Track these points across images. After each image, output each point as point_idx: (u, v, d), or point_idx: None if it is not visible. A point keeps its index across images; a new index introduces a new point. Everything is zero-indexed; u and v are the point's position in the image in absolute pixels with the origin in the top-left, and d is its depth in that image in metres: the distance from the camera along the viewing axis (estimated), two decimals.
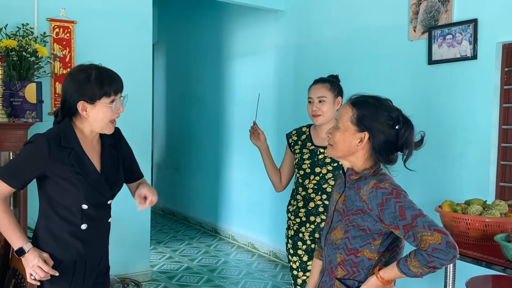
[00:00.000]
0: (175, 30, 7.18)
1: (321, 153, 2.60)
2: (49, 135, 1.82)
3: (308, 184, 2.59)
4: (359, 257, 1.66)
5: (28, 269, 1.78)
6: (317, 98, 2.57)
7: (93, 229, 1.90)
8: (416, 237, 1.52)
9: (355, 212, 1.65)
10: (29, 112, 3.26)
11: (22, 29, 3.45)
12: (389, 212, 1.56)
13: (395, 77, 3.74)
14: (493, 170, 3.17)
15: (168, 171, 7.47)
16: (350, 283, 1.69)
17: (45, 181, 1.83)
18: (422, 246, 1.51)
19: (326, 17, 4.44)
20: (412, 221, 1.53)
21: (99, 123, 1.85)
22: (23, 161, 1.81)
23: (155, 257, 5.06)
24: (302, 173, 2.61)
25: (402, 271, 1.57)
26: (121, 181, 2.02)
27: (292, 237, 2.65)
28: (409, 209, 1.55)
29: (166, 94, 7.53)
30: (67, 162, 1.81)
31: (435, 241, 1.49)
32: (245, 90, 5.60)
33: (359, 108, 1.68)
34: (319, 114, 2.57)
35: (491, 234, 2.28)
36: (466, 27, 3.23)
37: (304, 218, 2.59)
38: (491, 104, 3.16)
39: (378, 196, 1.59)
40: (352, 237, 1.66)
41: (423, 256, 1.51)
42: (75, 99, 1.82)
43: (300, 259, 2.63)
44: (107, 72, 1.86)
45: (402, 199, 1.57)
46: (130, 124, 4.15)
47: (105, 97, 1.82)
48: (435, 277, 3.16)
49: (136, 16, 4.16)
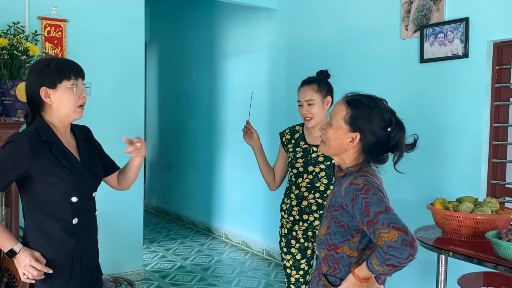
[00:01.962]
0: (167, 28, 7.16)
1: (314, 151, 2.60)
2: (28, 132, 1.81)
3: (301, 183, 2.59)
4: (339, 254, 1.68)
5: (21, 269, 1.77)
6: (305, 102, 2.57)
7: (83, 223, 1.90)
8: (375, 234, 1.51)
9: (336, 208, 1.68)
10: (21, 111, 3.24)
11: (13, 27, 3.43)
12: (357, 208, 1.57)
13: (387, 76, 3.75)
14: (484, 168, 3.19)
15: (161, 170, 7.45)
16: (332, 280, 1.71)
17: (29, 181, 1.81)
18: (379, 244, 1.50)
19: (319, 15, 4.45)
20: (373, 217, 1.52)
21: (65, 109, 1.84)
22: (5, 161, 1.78)
23: (148, 256, 5.05)
24: (295, 172, 2.61)
25: (368, 268, 1.56)
26: (101, 172, 2.04)
27: (286, 235, 2.66)
28: (374, 206, 1.54)
29: (158, 93, 7.51)
30: (49, 157, 1.80)
31: (391, 239, 1.47)
32: (238, 89, 5.60)
33: (353, 108, 1.69)
34: (310, 117, 2.56)
35: (482, 231, 2.29)
36: (457, 26, 3.25)
37: (298, 216, 2.60)
38: (482, 102, 3.18)
39: (351, 192, 1.60)
40: (333, 233, 1.69)
41: (380, 254, 1.50)
42: (37, 86, 1.82)
43: (293, 257, 2.63)
44: (67, 60, 1.91)
45: (369, 196, 1.56)
46: (123, 123, 4.15)
47: (65, 80, 1.83)
48: (426, 274, 3.18)
49: (128, 15, 4.15)
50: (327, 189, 2.56)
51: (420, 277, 3.42)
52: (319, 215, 2.56)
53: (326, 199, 2.54)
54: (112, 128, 3.92)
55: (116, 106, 4.07)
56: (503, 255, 2.03)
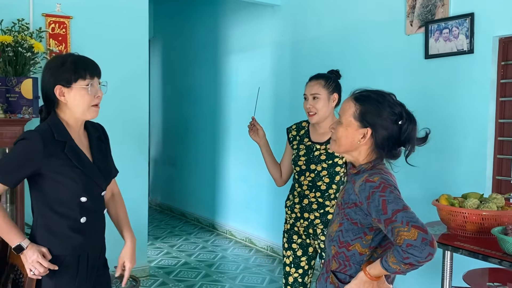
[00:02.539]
0: (171, 25, 7.16)
1: (317, 149, 2.58)
2: (41, 130, 1.81)
3: (303, 181, 2.58)
4: (350, 251, 1.67)
5: (28, 265, 1.78)
6: (311, 95, 2.55)
7: (92, 222, 1.90)
8: (394, 233, 1.50)
9: (349, 205, 1.66)
10: (26, 108, 3.25)
11: (18, 24, 3.44)
12: (374, 205, 1.56)
13: (392, 72, 3.74)
14: (489, 163, 3.18)
15: (165, 166, 7.46)
16: (341, 277, 1.70)
17: (40, 179, 1.81)
18: (398, 242, 1.48)
19: (323, 12, 4.43)
20: (392, 215, 1.51)
21: (79, 107, 1.83)
22: (17, 158, 1.78)
23: (152, 253, 5.06)
24: (298, 170, 2.60)
25: (383, 267, 1.55)
26: (112, 171, 2.03)
27: (288, 231, 2.66)
28: (392, 204, 1.53)
29: (162, 89, 7.51)
30: (62, 156, 1.79)
31: (411, 237, 1.46)
32: (241, 86, 5.59)
33: (362, 104, 1.68)
34: (314, 112, 2.54)
35: (488, 227, 2.29)
36: (462, 21, 3.23)
37: (299, 214, 2.60)
38: (487, 98, 3.16)
39: (366, 189, 1.59)
40: (345, 230, 1.67)
41: (399, 252, 1.48)
42: (52, 84, 1.81)
43: (294, 253, 2.62)
44: (83, 58, 1.88)
45: (387, 193, 1.55)
46: (127, 120, 4.16)
47: (80, 79, 1.81)
48: (432, 271, 3.18)
49: (132, 11, 4.15)
50: (328, 188, 2.55)
51: (425, 273, 3.41)
52: (319, 214, 2.55)
53: (327, 198, 2.54)
54: (116, 125, 3.92)
55: (120, 103, 4.08)
56: (509, 251, 2.03)
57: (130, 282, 3.77)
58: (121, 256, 2.07)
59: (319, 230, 2.56)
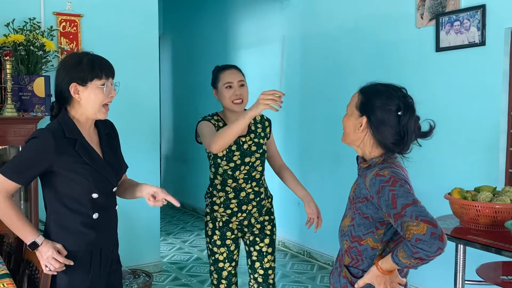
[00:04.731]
0: (180, 22, 7.17)
1: (243, 142, 2.52)
2: (52, 128, 1.83)
3: (238, 175, 2.53)
4: (362, 245, 1.67)
5: (43, 261, 1.80)
6: (238, 82, 2.54)
7: (104, 218, 1.92)
8: (403, 227, 1.49)
9: (361, 200, 1.67)
10: (38, 106, 3.28)
11: (29, 23, 3.47)
12: (384, 200, 1.56)
13: (403, 65, 3.72)
14: (502, 156, 3.15)
15: (176, 163, 7.49)
16: (354, 271, 1.70)
17: (52, 176, 1.83)
18: (407, 237, 1.48)
19: (332, 5, 4.41)
20: (401, 210, 1.50)
21: (91, 106, 1.85)
22: (29, 156, 1.81)
23: (165, 248, 5.10)
24: (232, 165, 2.51)
25: (394, 261, 1.55)
26: (123, 166, 2.04)
27: (221, 228, 2.59)
28: (401, 198, 1.52)
29: (173, 86, 7.53)
30: (73, 153, 1.82)
31: (420, 232, 1.45)
32: (251, 81, 5.57)
33: (364, 94, 1.71)
34: (241, 100, 2.52)
35: (501, 220, 2.27)
36: (474, 13, 3.20)
37: (236, 208, 2.55)
38: (500, 90, 3.13)
39: (376, 183, 1.59)
40: (356, 224, 1.68)
41: (408, 247, 1.48)
42: (67, 82, 1.83)
43: (228, 249, 2.59)
44: (99, 57, 1.90)
45: (396, 187, 1.54)
46: (138, 117, 4.18)
47: (96, 79, 1.83)
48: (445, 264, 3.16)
49: (141, 9, 4.16)
50: (261, 175, 2.58)
51: (438, 267, 3.40)
52: (256, 202, 2.57)
53: (261, 185, 2.58)
54: (127, 122, 3.95)
55: (131, 100, 4.10)
56: None
57: (143, 277, 3.80)
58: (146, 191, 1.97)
59: (253, 219, 2.60)
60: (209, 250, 2.64)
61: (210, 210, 2.61)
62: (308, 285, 4.11)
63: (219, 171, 2.55)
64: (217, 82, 2.60)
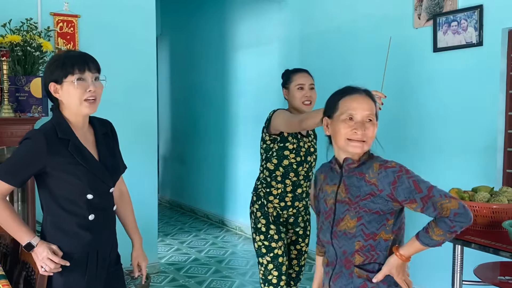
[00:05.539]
0: (178, 22, 7.16)
1: (304, 142, 2.69)
2: (45, 129, 1.82)
3: (301, 171, 2.65)
4: (376, 240, 1.69)
5: (39, 262, 1.79)
6: (309, 85, 2.67)
7: (101, 219, 1.91)
8: (437, 206, 1.59)
9: (363, 197, 1.68)
10: (35, 106, 3.27)
11: (26, 24, 3.46)
12: (403, 188, 1.63)
13: (401, 66, 3.72)
14: (500, 157, 3.15)
15: (174, 164, 7.49)
16: (370, 267, 1.71)
17: (46, 177, 1.82)
18: (444, 214, 1.58)
19: (330, 6, 4.41)
20: (428, 192, 1.61)
21: (73, 103, 1.83)
22: (22, 158, 1.80)
23: (163, 249, 5.09)
24: (298, 160, 2.63)
25: (424, 243, 1.63)
26: (120, 167, 2.02)
27: (274, 222, 2.64)
28: (422, 182, 1.63)
29: (170, 87, 7.53)
30: (66, 154, 1.80)
31: (455, 207, 1.57)
32: (249, 81, 5.59)
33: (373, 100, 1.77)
34: (310, 101, 2.66)
35: (498, 220, 2.28)
36: (471, 14, 3.20)
37: (290, 203, 2.66)
38: (497, 90, 3.14)
39: (389, 175, 1.65)
40: (366, 222, 1.68)
41: (446, 223, 1.58)
42: (47, 82, 1.84)
43: (284, 243, 2.65)
44: (75, 53, 1.89)
45: (413, 174, 1.65)
46: (136, 117, 4.17)
47: (69, 75, 1.81)
48: (443, 265, 3.16)
49: (139, 9, 4.16)
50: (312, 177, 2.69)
51: (436, 268, 3.40)
52: (305, 202, 2.70)
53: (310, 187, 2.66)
54: (125, 123, 3.93)
55: (129, 101, 4.09)
56: None
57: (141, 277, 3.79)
58: (134, 258, 2.16)
59: (300, 217, 2.73)
60: (264, 248, 2.62)
61: (261, 204, 2.65)
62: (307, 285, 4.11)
63: (283, 163, 2.62)
64: (289, 83, 2.69)
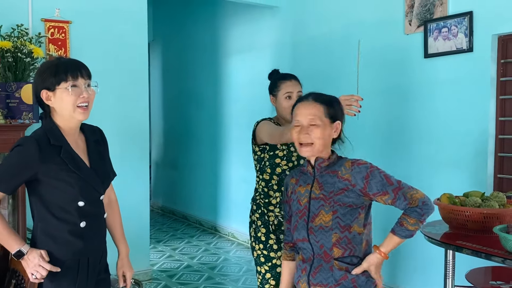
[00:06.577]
0: (170, 28, 7.16)
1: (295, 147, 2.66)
2: (37, 136, 1.81)
3: None
4: (351, 233, 1.80)
5: (29, 270, 1.77)
6: (298, 93, 2.57)
7: (92, 226, 1.89)
8: (407, 197, 1.75)
9: (337, 192, 1.82)
10: (26, 113, 3.25)
11: (17, 30, 3.44)
12: (375, 181, 1.77)
13: (392, 71, 3.74)
14: (491, 162, 3.17)
15: (166, 169, 7.46)
16: (348, 260, 1.81)
17: (37, 184, 1.80)
18: (414, 203, 1.74)
19: (322, 12, 4.44)
20: (398, 184, 1.77)
21: (64, 110, 1.82)
22: (13, 164, 1.79)
23: (155, 256, 5.06)
24: (291, 165, 2.60)
25: (401, 235, 1.76)
26: (110, 174, 2.02)
27: (275, 231, 2.59)
28: (391, 177, 1.79)
29: (163, 92, 7.51)
30: (58, 161, 1.79)
31: (421, 196, 1.75)
32: (242, 87, 5.59)
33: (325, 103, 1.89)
34: None
35: (490, 225, 2.28)
36: (461, 20, 3.23)
37: None
38: (488, 96, 3.16)
39: (362, 170, 1.80)
40: (341, 215, 1.80)
41: (417, 212, 1.73)
42: (39, 90, 1.82)
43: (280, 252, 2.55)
44: (67, 60, 1.88)
45: (382, 170, 1.81)
46: (128, 123, 4.16)
47: (63, 82, 1.80)
48: (435, 270, 3.17)
49: (131, 15, 4.15)
50: None
51: (428, 273, 3.41)
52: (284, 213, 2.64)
53: None
54: (116, 129, 3.93)
55: (121, 107, 4.08)
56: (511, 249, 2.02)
57: (132, 285, 3.77)
58: (119, 267, 2.12)
59: None
60: (263, 257, 2.56)
61: (262, 213, 2.59)
62: None
63: (277, 171, 2.60)
64: (277, 91, 2.61)
